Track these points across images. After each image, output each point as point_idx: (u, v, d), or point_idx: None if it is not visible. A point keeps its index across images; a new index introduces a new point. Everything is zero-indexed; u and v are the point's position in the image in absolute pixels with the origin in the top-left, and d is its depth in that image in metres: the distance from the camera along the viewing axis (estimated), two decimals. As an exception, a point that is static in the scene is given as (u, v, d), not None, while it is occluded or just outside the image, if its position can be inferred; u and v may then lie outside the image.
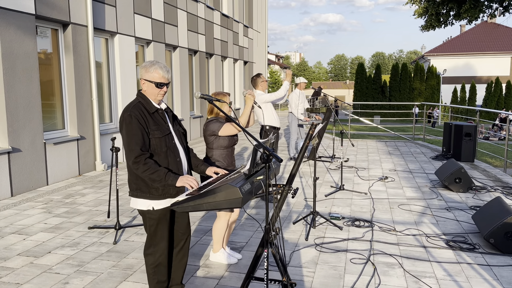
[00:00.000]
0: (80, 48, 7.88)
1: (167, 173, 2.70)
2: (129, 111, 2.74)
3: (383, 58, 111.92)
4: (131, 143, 2.69)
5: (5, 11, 6.19)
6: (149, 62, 2.84)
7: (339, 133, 14.35)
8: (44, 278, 3.66)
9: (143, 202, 2.85)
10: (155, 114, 2.84)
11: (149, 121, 2.77)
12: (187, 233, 3.11)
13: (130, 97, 9.68)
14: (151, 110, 2.82)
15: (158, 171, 2.68)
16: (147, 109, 2.81)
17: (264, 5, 23.22)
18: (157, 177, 2.68)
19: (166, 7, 11.36)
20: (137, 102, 2.82)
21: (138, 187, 2.82)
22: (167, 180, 2.69)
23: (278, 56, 78.26)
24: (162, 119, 2.87)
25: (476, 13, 16.93)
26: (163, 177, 2.68)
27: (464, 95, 31.22)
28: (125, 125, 2.73)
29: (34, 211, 5.64)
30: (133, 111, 2.75)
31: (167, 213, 2.91)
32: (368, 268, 3.82)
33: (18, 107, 6.47)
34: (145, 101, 2.83)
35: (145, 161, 2.68)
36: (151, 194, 2.81)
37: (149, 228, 2.91)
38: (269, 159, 2.44)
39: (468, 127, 9.13)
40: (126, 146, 2.72)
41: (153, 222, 2.88)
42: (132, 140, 2.69)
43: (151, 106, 2.83)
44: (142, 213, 2.89)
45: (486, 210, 4.59)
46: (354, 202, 6.01)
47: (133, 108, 2.76)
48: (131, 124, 2.71)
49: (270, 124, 6.05)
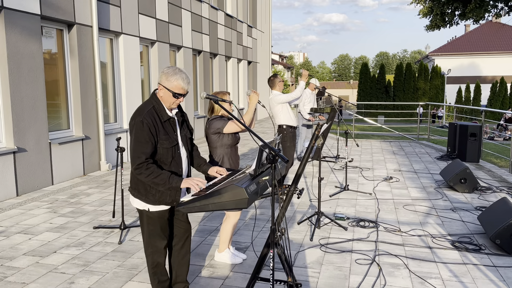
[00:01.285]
0: (85, 48, 7.90)
1: (170, 176, 2.69)
2: (142, 117, 2.67)
3: (387, 58, 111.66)
4: (137, 150, 2.66)
5: (10, 12, 6.22)
6: (172, 69, 2.74)
7: (343, 133, 14.31)
8: (50, 277, 3.68)
9: (140, 202, 2.87)
10: (166, 123, 2.79)
11: (160, 130, 2.72)
12: (188, 229, 3.11)
13: (135, 97, 9.71)
14: (164, 118, 2.76)
15: (161, 174, 2.66)
16: (160, 116, 2.75)
17: (268, 5, 23.21)
18: (161, 180, 2.66)
19: (171, 7, 11.38)
20: (151, 108, 2.74)
21: (137, 188, 2.83)
22: (171, 183, 2.68)
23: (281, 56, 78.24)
24: (172, 127, 2.83)
25: (481, 12, 16.85)
26: (166, 180, 2.67)
27: (468, 95, 31.08)
28: (135, 130, 2.68)
29: (40, 210, 5.66)
30: (146, 117, 2.67)
31: (165, 214, 2.91)
32: (373, 269, 3.81)
33: (23, 107, 6.50)
34: (160, 107, 2.77)
35: (147, 166, 2.65)
36: (148, 198, 2.81)
37: (147, 227, 2.90)
38: (275, 159, 2.43)
39: (473, 127, 9.09)
40: (131, 152, 2.69)
41: (151, 221, 2.88)
42: (139, 147, 2.66)
43: (164, 114, 2.77)
44: (140, 211, 2.90)
45: (492, 211, 4.57)
46: (359, 202, 6.00)
47: (146, 114, 2.69)
48: (142, 131, 2.65)
49: (287, 124, 6.05)
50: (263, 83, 22.23)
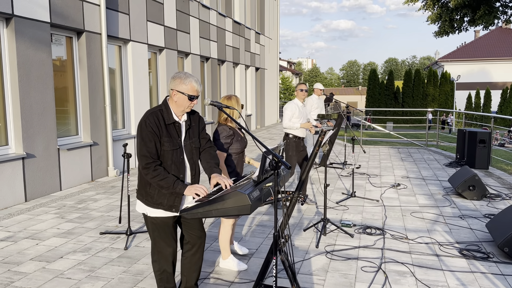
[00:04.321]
0: (94, 55, 7.99)
1: (176, 181, 2.72)
2: (145, 117, 2.78)
3: (396, 64, 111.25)
4: (142, 149, 2.74)
5: (21, 20, 6.32)
6: (182, 73, 2.82)
7: (350, 140, 14.26)
8: (56, 283, 3.70)
9: (140, 205, 2.91)
10: (171, 126, 2.83)
11: (162, 131, 2.78)
12: (202, 236, 3.07)
13: (143, 104, 9.78)
14: (168, 121, 2.81)
15: (167, 178, 2.71)
16: (164, 119, 2.81)
17: (275, 12, 23.30)
18: (165, 184, 2.70)
19: (179, 15, 11.47)
20: (157, 110, 2.82)
21: (140, 190, 2.90)
22: (175, 188, 2.71)
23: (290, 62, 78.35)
24: (176, 132, 2.86)
25: (490, 19, 16.72)
26: (171, 184, 2.71)
27: (478, 101, 30.83)
28: (140, 131, 2.77)
29: (47, 216, 5.71)
30: (149, 118, 2.76)
31: (169, 220, 2.92)
32: (379, 277, 3.78)
33: (32, 114, 6.58)
34: (167, 111, 2.83)
35: (154, 168, 2.72)
36: (147, 200, 2.86)
37: (153, 233, 2.94)
38: (278, 166, 2.43)
39: (482, 134, 9.01)
40: (137, 151, 2.77)
41: (155, 227, 2.90)
42: (143, 147, 2.73)
43: (170, 117, 2.82)
44: (144, 216, 2.94)
45: (501, 218, 4.51)
46: (366, 209, 5.96)
47: (150, 115, 2.77)
48: (145, 131, 2.74)
49: (294, 133, 6.01)
50: (270, 89, 22.27)
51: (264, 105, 20.69)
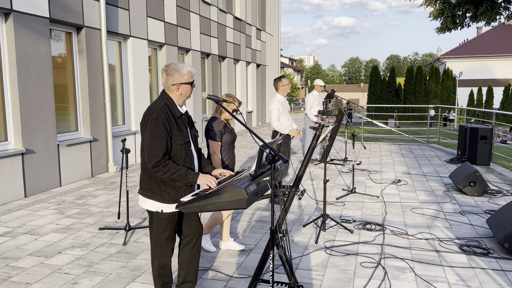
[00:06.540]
0: (94, 51, 7.97)
1: (187, 171, 2.72)
2: (156, 113, 2.70)
3: (398, 61, 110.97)
4: (154, 148, 2.67)
5: (20, 15, 6.30)
6: (175, 65, 2.81)
7: (351, 136, 14.24)
8: (54, 278, 3.69)
9: (152, 203, 2.84)
10: (179, 119, 2.82)
11: (173, 126, 2.75)
12: (200, 229, 3.07)
13: (143, 100, 9.75)
14: (177, 114, 2.80)
15: (179, 170, 2.69)
16: (173, 113, 2.79)
17: (277, 8, 23.22)
18: (179, 176, 2.69)
19: (179, 10, 11.43)
20: (163, 104, 2.77)
21: (150, 188, 2.82)
22: (188, 178, 2.71)
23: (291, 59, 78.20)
24: (184, 124, 2.86)
25: (493, 15, 16.62)
26: (184, 175, 2.70)
27: (481, 97, 30.72)
28: (150, 128, 2.69)
29: (47, 211, 5.70)
30: (160, 114, 2.70)
31: (175, 215, 2.90)
32: (378, 272, 3.75)
33: (32, 109, 6.56)
34: (171, 104, 2.81)
35: (164, 163, 2.67)
36: (162, 197, 2.80)
37: (156, 229, 2.90)
38: (274, 159, 2.41)
39: (483, 130, 8.96)
40: (147, 149, 2.68)
41: (161, 222, 2.87)
42: (155, 145, 2.67)
43: (177, 110, 2.81)
44: (150, 213, 2.89)
45: (501, 214, 4.48)
46: (366, 205, 5.94)
47: (160, 111, 2.72)
48: (157, 128, 2.67)
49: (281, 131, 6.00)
50: (272, 86, 22.22)
51: (265, 102, 20.65)
